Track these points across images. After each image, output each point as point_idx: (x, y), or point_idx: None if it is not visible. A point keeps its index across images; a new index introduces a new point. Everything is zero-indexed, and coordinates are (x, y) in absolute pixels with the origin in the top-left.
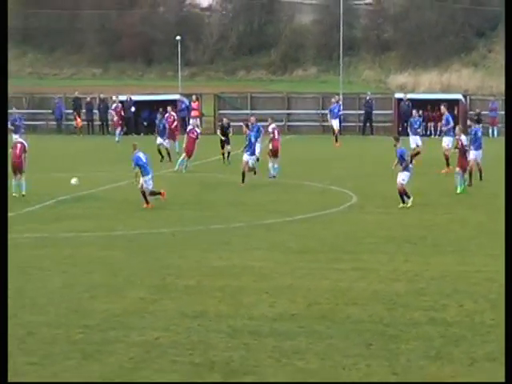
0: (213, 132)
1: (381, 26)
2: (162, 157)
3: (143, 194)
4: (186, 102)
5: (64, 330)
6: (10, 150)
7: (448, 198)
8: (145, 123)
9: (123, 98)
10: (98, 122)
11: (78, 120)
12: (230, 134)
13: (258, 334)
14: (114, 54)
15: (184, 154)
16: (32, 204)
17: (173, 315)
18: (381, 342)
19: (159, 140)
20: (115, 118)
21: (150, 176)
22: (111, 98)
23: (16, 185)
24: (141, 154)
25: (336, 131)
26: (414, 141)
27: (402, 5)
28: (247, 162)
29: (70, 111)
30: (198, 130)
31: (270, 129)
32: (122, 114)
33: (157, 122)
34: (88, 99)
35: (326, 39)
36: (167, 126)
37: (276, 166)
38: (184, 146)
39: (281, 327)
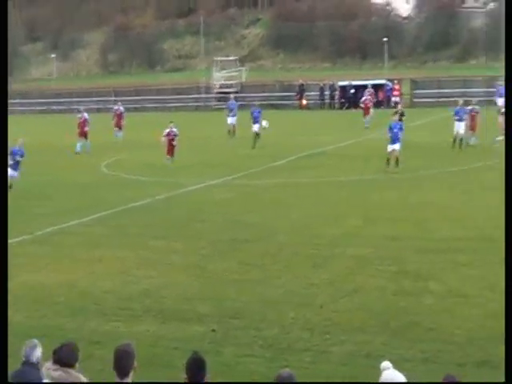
0: (409, 105)
1: None
2: None
3: None
4: (390, 84)
5: (301, 247)
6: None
7: None
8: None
9: (345, 83)
10: (327, 101)
11: (303, 100)
12: None
13: (439, 251)
14: (340, 52)
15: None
16: (280, 159)
17: (378, 237)
18: None
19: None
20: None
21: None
22: (337, 82)
23: None
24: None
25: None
26: None
27: None
28: None
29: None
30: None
31: None
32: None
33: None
34: (321, 84)
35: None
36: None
37: None
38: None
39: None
